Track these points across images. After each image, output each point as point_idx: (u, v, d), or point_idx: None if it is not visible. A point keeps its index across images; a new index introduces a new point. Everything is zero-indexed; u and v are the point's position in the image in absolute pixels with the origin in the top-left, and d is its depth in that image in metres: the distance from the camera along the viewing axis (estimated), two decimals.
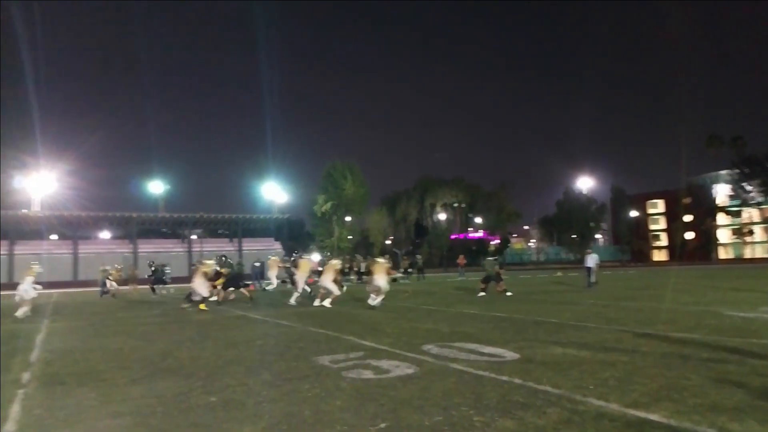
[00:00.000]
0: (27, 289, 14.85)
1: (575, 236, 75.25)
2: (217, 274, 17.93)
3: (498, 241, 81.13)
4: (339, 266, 17.13)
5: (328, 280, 15.38)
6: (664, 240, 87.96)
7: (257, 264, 30.35)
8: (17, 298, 14.89)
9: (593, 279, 20.46)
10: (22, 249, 42.07)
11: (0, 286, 33.70)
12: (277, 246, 49.48)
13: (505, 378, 5.49)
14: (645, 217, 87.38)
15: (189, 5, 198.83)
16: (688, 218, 73.84)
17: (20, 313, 14.53)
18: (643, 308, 12.43)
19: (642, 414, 4.19)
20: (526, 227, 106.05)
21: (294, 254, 21.82)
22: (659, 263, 72.42)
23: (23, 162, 49.14)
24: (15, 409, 4.90)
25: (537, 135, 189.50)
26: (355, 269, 34.96)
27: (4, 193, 50.19)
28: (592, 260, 20.77)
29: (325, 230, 68.66)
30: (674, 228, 77.61)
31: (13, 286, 36.48)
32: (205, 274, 16.23)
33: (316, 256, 37.17)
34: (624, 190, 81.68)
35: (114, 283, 25.86)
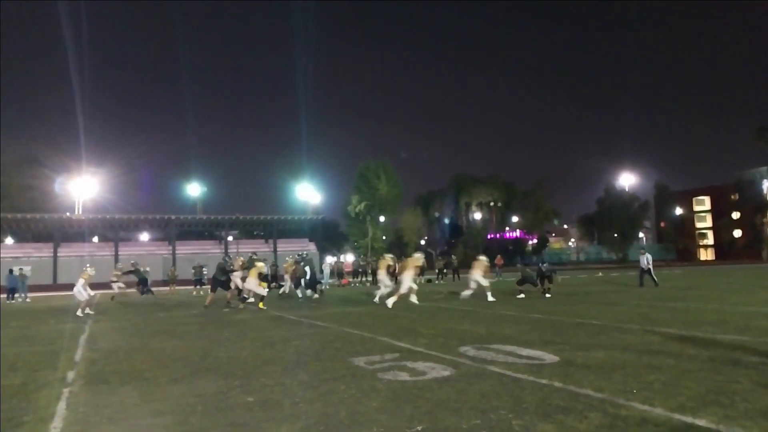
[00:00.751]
0: (80, 291, 16.19)
1: (616, 235, 73.48)
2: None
3: (535, 240, 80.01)
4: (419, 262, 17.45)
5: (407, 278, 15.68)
6: (710, 238, 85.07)
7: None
8: (78, 298, 16.37)
9: (655, 279, 20.28)
10: (65, 251, 43.55)
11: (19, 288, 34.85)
12: (312, 247, 49.92)
13: (544, 381, 5.36)
14: (691, 215, 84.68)
15: (225, 10, 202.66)
16: (736, 215, 71.28)
17: (88, 310, 16.20)
18: (690, 309, 12.02)
19: (689, 419, 4.03)
20: (565, 226, 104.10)
21: (299, 255, 21.95)
22: (706, 262, 70.08)
23: (67, 166, 50.98)
24: (61, 407, 5.04)
25: (576, 132, 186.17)
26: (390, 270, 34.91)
27: (48, 196, 52.14)
28: (646, 260, 20.45)
29: (359, 230, 68.96)
30: (721, 225, 75.06)
31: (58, 287, 37.88)
32: (260, 275, 17.11)
33: (350, 257, 37.32)
34: (668, 187, 79.46)
35: (121, 285, 24.93)
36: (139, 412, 4.84)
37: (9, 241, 50.45)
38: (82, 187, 49.71)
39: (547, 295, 16.19)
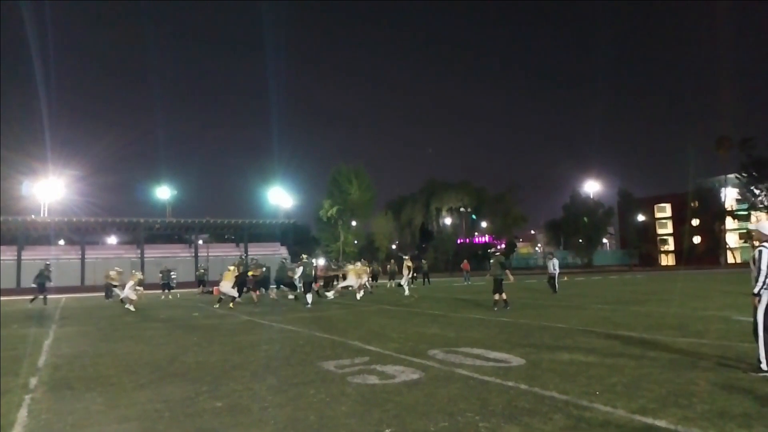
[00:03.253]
0: (129, 292, 18.40)
1: (582, 240, 74.90)
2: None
3: (503, 245, 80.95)
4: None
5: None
6: (671, 244, 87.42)
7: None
8: (122, 297, 18.82)
9: (557, 285, 19.79)
10: (30, 254, 42.31)
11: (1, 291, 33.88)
12: (283, 251, 49.56)
13: (511, 383, 5.47)
14: (653, 221, 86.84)
15: (195, 11, 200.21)
16: (695, 222, 73.38)
17: (131, 306, 18.15)
18: (651, 313, 12.36)
19: (649, 420, 4.17)
20: (532, 232, 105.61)
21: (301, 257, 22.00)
22: (667, 267, 71.96)
23: (32, 168, 49.56)
24: (22, 414, 4.93)
25: (544, 139, 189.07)
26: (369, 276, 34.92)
27: (12, 199, 50.59)
28: (553, 265, 20.00)
29: (330, 235, 68.81)
30: (682, 232, 77.12)
31: (23, 291, 36.81)
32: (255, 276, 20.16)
33: (321, 261, 37.24)
34: (631, 194, 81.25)
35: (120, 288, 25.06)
36: (104, 418, 4.77)
37: None
38: (48, 190, 48.39)
39: (508, 308, 14.21)
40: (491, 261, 15.47)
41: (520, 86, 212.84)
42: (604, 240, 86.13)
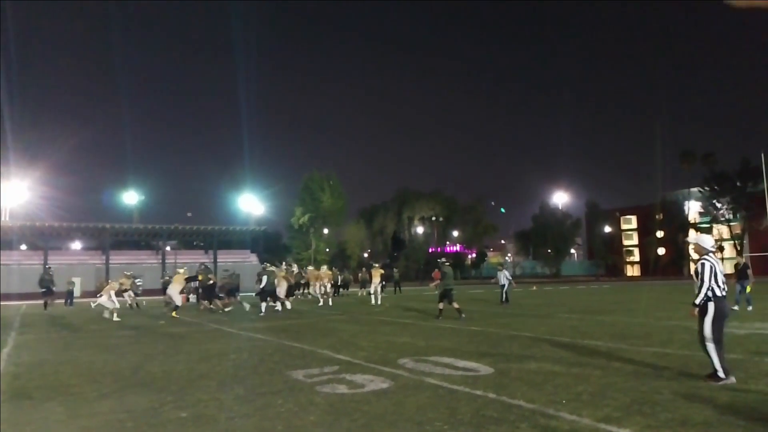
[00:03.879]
0: (174, 293, 17.87)
1: (550, 250, 76.12)
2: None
3: (474, 254, 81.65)
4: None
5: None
6: (637, 255, 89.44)
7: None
8: (167, 298, 18.35)
9: (507, 296, 19.56)
10: None
11: None
12: (253, 258, 49.03)
13: (479, 392, 5.51)
14: (619, 232, 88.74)
15: (164, 12, 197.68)
16: (660, 234, 75.23)
17: (167, 310, 17.92)
18: (617, 322, 12.59)
19: (614, 429, 4.23)
20: (502, 241, 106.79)
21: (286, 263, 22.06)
22: (633, 278, 73.50)
23: None
24: None
25: (515, 150, 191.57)
26: (332, 282, 34.76)
27: None
28: (504, 277, 19.75)
29: (302, 242, 68.36)
30: (647, 243, 78.96)
31: None
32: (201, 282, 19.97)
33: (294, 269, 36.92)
34: (598, 205, 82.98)
35: (131, 293, 23.63)
36: (65, 429, 4.64)
37: None
38: (9, 193, 46.91)
39: (463, 315, 14.11)
40: (442, 270, 15.30)
41: (491, 97, 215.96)
42: (572, 250, 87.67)
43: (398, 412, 4.86)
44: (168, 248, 51.40)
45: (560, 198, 75.74)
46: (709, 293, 5.94)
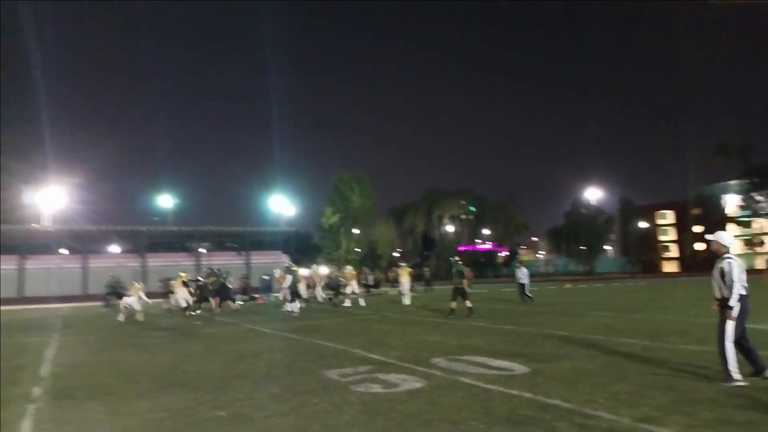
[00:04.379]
0: (179, 297, 18.88)
1: (584, 247, 74.83)
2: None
3: (506, 252, 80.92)
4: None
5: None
6: (674, 251, 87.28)
7: (266, 277, 30.50)
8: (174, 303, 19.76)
9: (529, 295, 18.93)
10: (32, 264, 42.35)
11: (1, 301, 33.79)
12: (285, 259, 49.52)
13: (514, 392, 5.45)
14: (654, 228, 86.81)
15: (197, 18, 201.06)
16: (698, 229, 73.24)
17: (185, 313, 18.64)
18: (653, 320, 12.32)
19: (654, 428, 4.15)
20: (534, 239, 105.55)
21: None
22: (669, 274, 71.73)
23: (33, 176, 49.67)
24: (26, 425, 4.92)
25: (545, 147, 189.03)
26: (363, 282, 34.90)
27: (13, 207, 50.68)
28: (522, 274, 19.39)
29: (332, 243, 68.71)
30: (684, 239, 77.01)
31: (25, 300, 36.83)
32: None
33: (324, 269, 37.25)
34: (632, 201, 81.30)
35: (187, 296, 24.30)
36: (106, 427, 4.76)
37: None
38: (50, 198, 48.46)
39: (472, 316, 13.98)
40: (453, 269, 15.44)
41: (520, 94, 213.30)
42: (607, 247, 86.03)
43: (433, 411, 4.84)
44: (202, 250, 52.29)
45: (592, 194, 74.41)
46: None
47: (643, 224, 79.56)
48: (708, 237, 6.76)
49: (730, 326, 5.79)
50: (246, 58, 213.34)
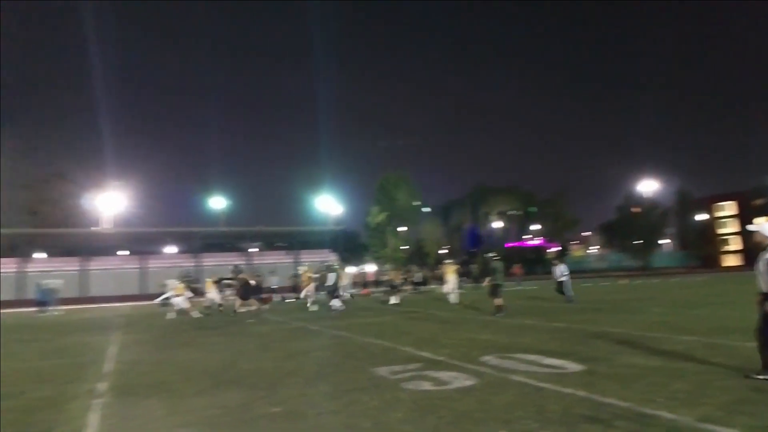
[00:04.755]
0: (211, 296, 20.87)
1: (638, 242, 72.43)
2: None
3: (556, 248, 79.23)
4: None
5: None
6: (735, 244, 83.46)
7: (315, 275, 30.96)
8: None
9: (569, 293, 17.82)
10: (93, 265, 44.38)
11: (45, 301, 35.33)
12: (333, 257, 50.10)
13: (568, 390, 5.34)
14: (713, 221, 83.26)
15: (246, 21, 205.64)
16: (760, 220, 69.88)
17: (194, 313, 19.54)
18: (713, 316, 11.82)
19: (717, 428, 4.00)
20: (586, 233, 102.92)
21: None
22: (730, 269, 68.61)
23: (94, 181, 52.09)
24: (91, 419, 5.16)
25: (595, 139, 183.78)
26: (411, 279, 34.95)
27: (75, 212, 53.31)
28: (560, 271, 18.23)
29: (379, 241, 68.98)
30: (747, 231, 73.67)
31: (87, 300, 38.61)
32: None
33: (371, 268, 37.48)
34: (690, 193, 78.16)
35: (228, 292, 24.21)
36: (167, 423, 4.94)
37: (39, 255, 51.52)
38: (109, 202, 50.70)
39: (501, 314, 13.80)
40: (491, 266, 15.31)
41: (569, 87, 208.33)
42: (663, 241, 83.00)
43: (485, 409, 4.80)
44: (253, 249, 53.55)
45: (647, 187, 71.92)
46: None
47: (701, 216, 76.45)
48: (750, 227, 6.26)
49: None
50: (293, 60, 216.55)
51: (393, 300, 21.31)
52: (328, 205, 59.12)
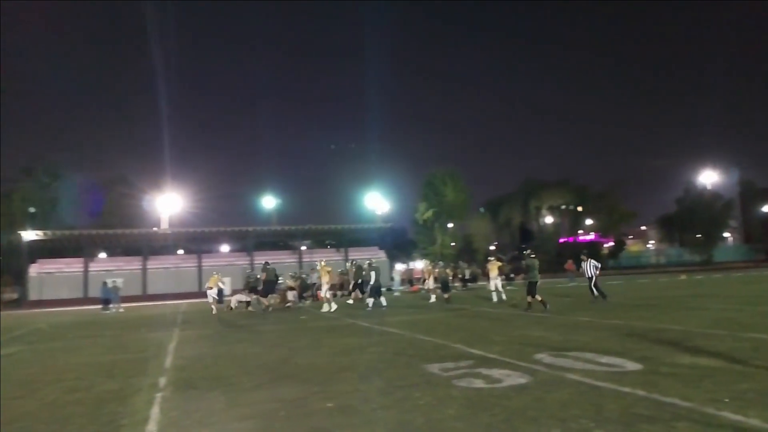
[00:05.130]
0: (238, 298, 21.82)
1: (699, 236, 69.47)
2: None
3: (611, 243, 76.96)
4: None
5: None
6: None
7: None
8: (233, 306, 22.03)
9: (596, 291, 16.62)
10: (153, 264, 46.20)
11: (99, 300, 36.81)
12: (382, 254, 50.36)
13: (626, 389, 5.20)
14: None
15: (295, 22, 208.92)
16: None
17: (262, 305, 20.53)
18: None
19: None
20: (643, 228, 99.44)
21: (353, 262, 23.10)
22: None
23: (154, 184, 54.30)
24: (154, 411, 5.39)
25: (652, 129, 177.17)
26: (459, 276, 34.70)
27: (137, 213, 55.69)
28: (590, 267, 17.15)
29: (427, 238, 68.79)
30: None
31: (148, 298, 40.20)
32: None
33: (419, 264, 37.46)
34: (754, 183, 74.41)
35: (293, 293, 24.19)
36: (226, 416, 5.10)
37: (102, 255, 54.13)
38: (168, 203, 52.78)
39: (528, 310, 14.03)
40: (525, 263, 15.53)
41: (621, 75, 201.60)
42: (726, 234, 79.31)
43: (539, 407, 4.73)
44: (304, 247, 54.47)
45: (708, 177, 68.88)
46: None
47: (767, 208, 72.62)
48: None
49: None
50: (340, 58, 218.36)
51: (432, 298, 21.20)
52: (376, 202, 59.48)
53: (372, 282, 19.56)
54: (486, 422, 4.39)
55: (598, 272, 17.19)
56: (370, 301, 19.12)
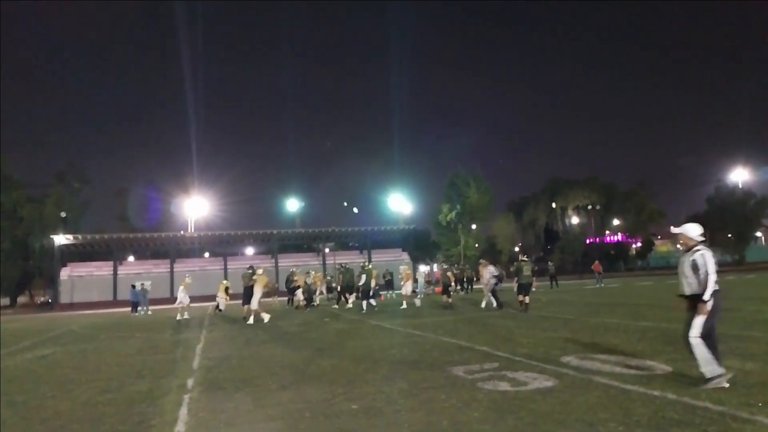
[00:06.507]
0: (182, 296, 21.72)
1: (731, 235, 67.90)
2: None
3: (639, 243, 75.66)
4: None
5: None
6: None
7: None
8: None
9: (493, 299, 17.13)
10: (180, 266, 46.91)
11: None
12: (405, 256, 50.34)
13: (656, 393, 5.10)
14: None
15: (319, 22, 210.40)
16: None
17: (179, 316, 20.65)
18: None
19: None
20: (672, 227, 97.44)
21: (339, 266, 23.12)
22: None
23: (182, 188, 55.26)
24: (183, 412, 5.47)
25: (680, 126, 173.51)
26: (466, 278, 34.31)
27: (165, 217, 56.79)
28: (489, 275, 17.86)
29: (450, 239, 68.52)
30: None
31: (176, 300, 40.69)
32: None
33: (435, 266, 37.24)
34: None
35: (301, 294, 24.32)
36: (253, 417, 5.16)
37: (131, 258, 55.24)
38: (195, 207, 53.65)
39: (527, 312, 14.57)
40: (515, 265, 16.36)
41: (647, 71, 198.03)
42: (758, 234, 77.34)
43: (566, 411, 4.68)
44: (327, 249, 54.77)
45: (740, 175, 67.28)
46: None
47: None
48: (673, 230, 6.13)
49: (700, 321, 5.23)
50: (363, 60, 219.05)
51: (404, 305, 20.54)
52: (399, 204, 59.49)
53: (362, 284, 19.98)
54: (512, 425, 4.36)
55: (495, 280, 18.17)
56: (364, 303, 19.31)
